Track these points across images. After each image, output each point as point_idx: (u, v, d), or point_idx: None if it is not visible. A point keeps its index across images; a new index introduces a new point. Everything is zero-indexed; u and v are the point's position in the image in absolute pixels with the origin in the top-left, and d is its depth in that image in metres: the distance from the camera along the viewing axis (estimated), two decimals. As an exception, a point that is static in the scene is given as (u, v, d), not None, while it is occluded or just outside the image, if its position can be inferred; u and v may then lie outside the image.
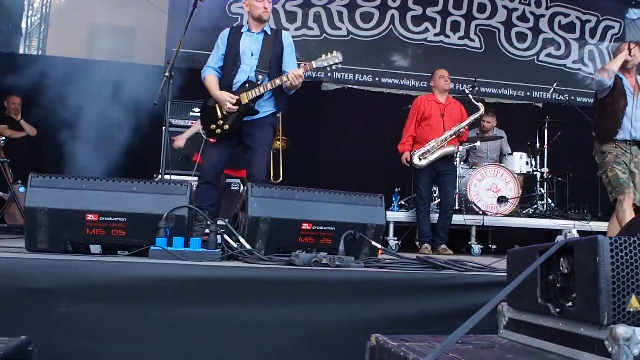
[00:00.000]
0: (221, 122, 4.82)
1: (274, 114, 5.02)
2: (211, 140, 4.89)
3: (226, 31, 4.98)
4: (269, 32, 4.99)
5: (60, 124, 7.28)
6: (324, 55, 4.96)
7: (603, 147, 5.82)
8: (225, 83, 4.87)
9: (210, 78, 4.92)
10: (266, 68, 4.86)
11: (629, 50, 5.71)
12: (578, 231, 7.01)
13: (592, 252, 1.74)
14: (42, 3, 9.54)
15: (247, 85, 4.82)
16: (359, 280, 2.94)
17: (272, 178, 6.38)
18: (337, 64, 4.94)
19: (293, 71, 4.78)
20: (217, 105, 4.85)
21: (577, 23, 10.93)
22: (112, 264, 2.77)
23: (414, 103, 6.95)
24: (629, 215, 5.41)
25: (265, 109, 4.91)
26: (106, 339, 2.56)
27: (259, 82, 4.80)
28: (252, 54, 4.87)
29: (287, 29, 9.52)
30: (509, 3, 10.61)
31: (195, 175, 5.78)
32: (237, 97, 4.77)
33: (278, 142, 6.54)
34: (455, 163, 7.00)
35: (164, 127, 6.34)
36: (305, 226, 3.40)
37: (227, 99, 4.75)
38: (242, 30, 4.98)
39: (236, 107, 4.77)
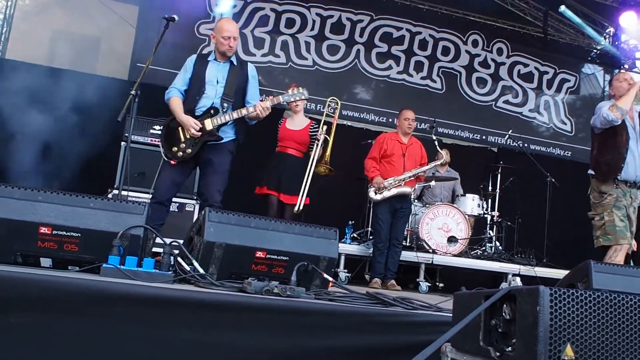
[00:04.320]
0: (183, 145, 4.87)
1: (234, 141, 5.08)
2: (172, 162, 4.89)
3: (194, 57, 5.03)
4: (235, 63, 5.11)
5: (14, 130, 7.17)
6: (290, 91, 5.18)
7: (603, 187, 5.38)
8: (188, 107, 4.92)
9: (176, 100, 4.94)
10: (231, 96, 4.96)
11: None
12: (523, 276, 7.17)
13: (533, 301, 1.83)
14: (7, 5, 9.43)
15: (212, 111, 4.90)
16: (309, 311, 2.97)
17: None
18: (302, 99, 5.29)
19: (261, 103, 4.93)
20: (180, 128, 4.89)
21: (535, 74, 11.29)
22: (63, 279, 2.73)
23: (378, 139, 7.04)
24: None
25: (227, 135, 4.99)
26: (53, 352, 2.54)
27: (224, 110, 4.91)
28: (217, 82, 4.97)
29: (253, 54, 9.63)
30: (472, 49, 10.92)
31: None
32: (201, 123, 4.84)
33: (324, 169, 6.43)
34: (411, 202, 7.11)
35: (123, 143, 6.34)
36: (259, 254, 3.42)
37: (193, 125, 4.81)
38: (208, 59, 5.07)
39: (200, 133, 4.84)
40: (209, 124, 4.85)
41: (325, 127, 6.34)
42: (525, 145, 10.39)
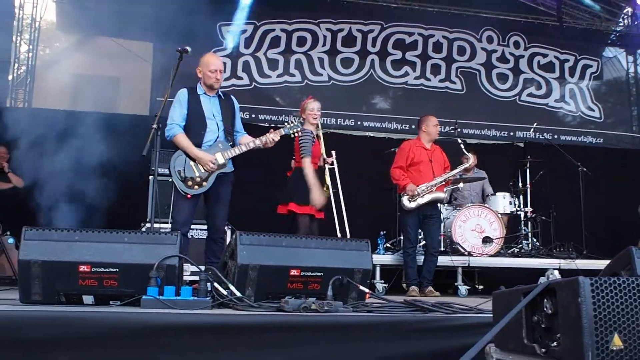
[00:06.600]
0: (199, 179, 5.07)
1: (234, 171, 5.29)
2: (188, 196, 5.05)
3: (185, 91, 5.20)
4: (222, 96, 5.37)
5: (46, 176, 7.27)
6: (287, 124, 5.57)
7: None
8: (195, 141, 5.11)
9: (183, 137, 5.13)
10: (230, 129, 5.27)
11: None
12: (564, 270, 7.05)
13: (574, 293, 1.80)
14: (28, 56, 9.65)
15: (220, 145, 5.14)
16: (347, 324, 2.97)
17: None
18: (298, 130, 5.57)
19: (269, 136, 5.24)
20: (192, 163, 5.08)
21: (556, 63, 11.17)
22: (105, 314, 2.78)
23: (402, 147, 6.96)
24: None
25: (230, 166, 5.23)
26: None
27: (230, 143, 5.19)
28: (213, 116, 5.22)
29: (269, 76, 9.70)
30: (488, 45, 10.85)
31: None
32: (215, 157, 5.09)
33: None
34: (440, 207, 7.06)
35: (150, 177, 6.41)
36: (293, 272, 3.44)
37: (212, 160, 5.04)
38: (198, 93, 5.27)
39: (216, 167, 5.07)
40: (220, 157, 5.10)
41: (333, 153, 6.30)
42: (555, 136, 10.29)
